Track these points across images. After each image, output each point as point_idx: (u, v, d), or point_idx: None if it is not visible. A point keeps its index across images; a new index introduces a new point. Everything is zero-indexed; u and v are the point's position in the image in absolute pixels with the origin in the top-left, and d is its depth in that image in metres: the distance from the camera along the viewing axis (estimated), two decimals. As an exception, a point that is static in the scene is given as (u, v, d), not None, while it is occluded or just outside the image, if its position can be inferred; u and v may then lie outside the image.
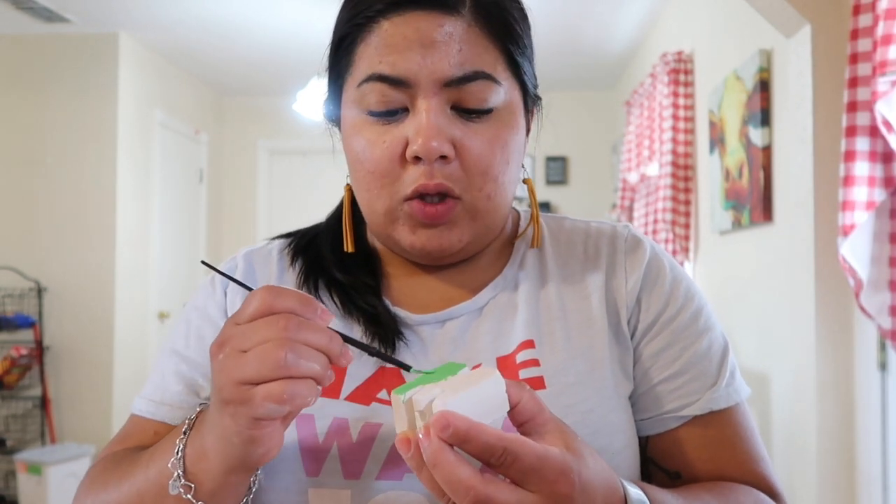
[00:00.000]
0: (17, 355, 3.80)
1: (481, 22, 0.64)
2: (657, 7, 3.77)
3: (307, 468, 0.63)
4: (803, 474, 2.00)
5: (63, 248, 4.05)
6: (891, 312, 1.63)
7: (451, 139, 0.63)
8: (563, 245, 0.75)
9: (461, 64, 0.62)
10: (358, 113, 0.66)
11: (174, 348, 0.73)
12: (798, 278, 2.02)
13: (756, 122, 2.40)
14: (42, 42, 4.10)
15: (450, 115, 0.64)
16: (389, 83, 0.63)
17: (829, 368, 1.92)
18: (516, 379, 0.65)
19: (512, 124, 0.67)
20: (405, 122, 0.64)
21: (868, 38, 1.61)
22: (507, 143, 0.66)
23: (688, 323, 0.70)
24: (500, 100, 0.65)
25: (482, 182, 0.65)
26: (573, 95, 5.37)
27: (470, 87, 0.63)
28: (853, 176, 1.63)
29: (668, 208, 3.23)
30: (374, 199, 0.66)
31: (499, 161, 0.65)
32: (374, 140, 0.65)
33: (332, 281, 0.72)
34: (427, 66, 0.62)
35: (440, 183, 0.63)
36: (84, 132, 4.08)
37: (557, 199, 5.39)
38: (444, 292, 0.72)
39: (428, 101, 0.63)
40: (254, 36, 4.19)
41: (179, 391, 0.71)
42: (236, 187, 5.61)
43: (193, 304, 0.76)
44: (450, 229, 0.66)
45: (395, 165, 0.64)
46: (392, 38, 0.63)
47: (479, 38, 0.64)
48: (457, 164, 0.64)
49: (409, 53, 0.62)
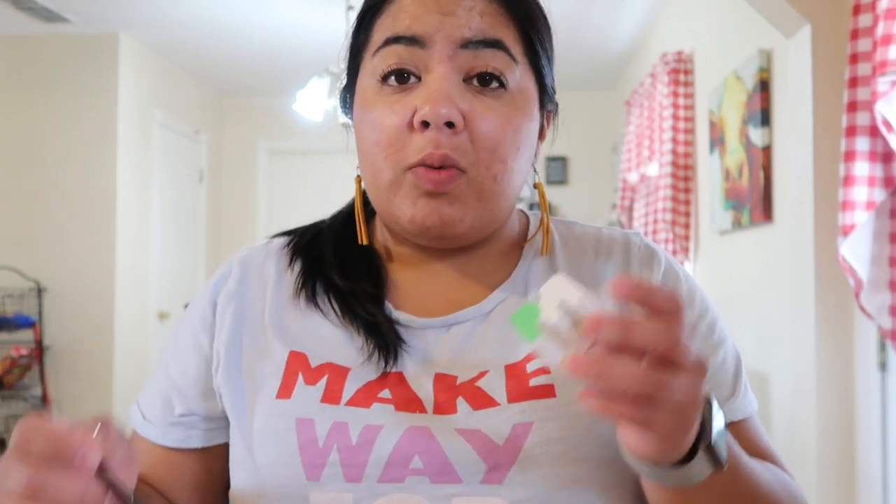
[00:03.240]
0: (17, 355, 3.80)
1: (504, 2, 0.65)
2: (657, 7, 3.77)
3: (308, 473, 0.62)
4: (803, 474, 2.00)
5: (63, 248, 4.05)
6: (891, 312, 1.63)
7: (462, 110, 0.62)
8: (574, 252, 0.73)
9: (479, 30, 0.63)
10: (371, 83, 0.66)
11: (162, 358, 0.74)
12: (798, 278, 2.02)
13: (756, 122, 2.40)
14: (42, 42, 4.10)
15: (462, 86, 0.63)
16: (405, 43, 0.63)
17: (829, 368, 1.92)
18: (526, 386, 0.64)
19: (526, 110, 0.66)
20: (416, 90, 0.63)
21: (868, 38, 1.61)
22: (520, 126, 0.65)
23: (706, 335, 0.70)
24: (516, 80, 0.65)
25: (490, 160, 0.64)
26: (573, 95, 5.37)
27: (486, 52, 0.63)
28: (853, 176, 1.63)
29: (668, 208, 3.23)
30: (378, 172, 0.65)
31: (509, 142, 0.64)
32: (384, 110, 0.64)
33: (332, 286, 0.71)
34: (444, 27, 0.62)
35: (446, 154, 0.62)
36: (84, 132, 4.08)
37: (557, 199, 5.39)
38: (450, 295, 0.70)
39: (441, 66, 0.62)
40: (254, 36, 4.19)
41: (157, 408, 0.71)
42: (236, 187, 5.61)
43: (186, 312, 0.75)
44: (451, 203, 0.64)
45: (403, 133, 0.63)
46: (411, 6, 0.64)
47: (499, 15, 0.64)
48: (465, 137, 0.63)
49: (426, 17, 0.63)
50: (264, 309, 0.71)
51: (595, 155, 5.38)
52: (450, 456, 0.61)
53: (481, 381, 0.65)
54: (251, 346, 0.69)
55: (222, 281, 0.74)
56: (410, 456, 0.61)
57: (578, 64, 4.74)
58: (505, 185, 0.65)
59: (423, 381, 0.65)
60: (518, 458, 0.61)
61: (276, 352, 0.68)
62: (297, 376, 0.66)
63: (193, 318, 0.73)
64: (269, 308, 0.71)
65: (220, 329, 0.71)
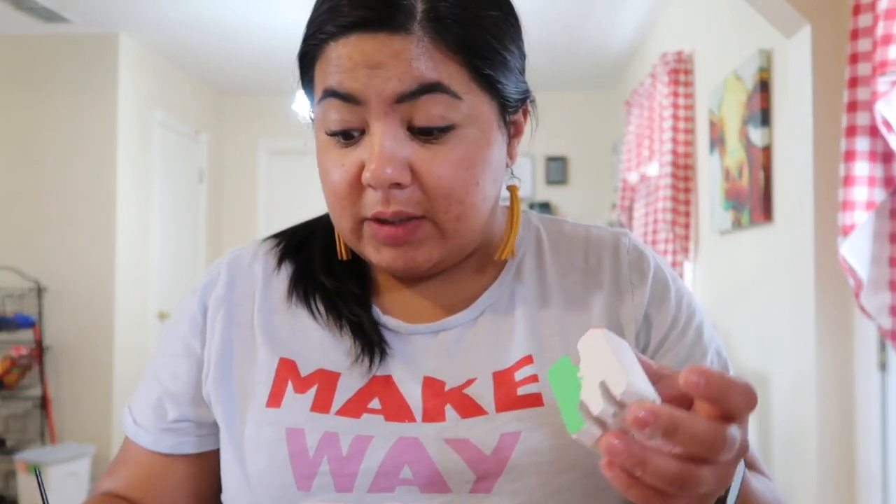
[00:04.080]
0: (17, 355, 3.80)
1: (435, 37, 0.59)
2: (657, 7, 3.78)
3: (298, 483, 0.62)
4: (803, 474, 2.00)
5: (63, 248, 4.05)
6: (891, 312, 1.63)
7: (409, 163, 0.60)
8: (563, 254, 0.73)
9: (412, 79, 0.59)
10: (321, 133, 0.64)
11: (153, 363, 0.73)
12: (798, 278, 2.02)
13: (756, 122, 2.40)
14: (42, 42, 4.10)
15: (405, 136, 0.60)
16: (342, 99, 0.60)
17: (829, 368, 1.92)
18: (514, 395, 0.64)
19: (480, 142, 0.62)
20: (362, 145, 0.62)
21: (868, 38, 1.61)
22: (474, 162, 0.62)
23: (694, 339, 0.70)
24: (462, 115, 0.61)
25: (447, 205, 0.62)
26: (573, 95, 5.37)
27: (423, 101, 0.59)
28: (853, 176, 1.63)
29: (668, 208, 3.23)
30: (338, 219, 0.65)
31: (463, 183, 0.62)
32: (335, 162, 0.63)
33: (319, 286, 0.70)
34: (374, 84, 0.59)
35: (398, 210, 0.61)
36: (84, 132, 4.08)
37: (557, 199, 5.39)
38: (437, 301, 0.70)
39: (380, 122, 0.60)
40: (254, 36, 4.19)
41: (149, 414, 0.71)
42: (236, 187, 5.61)
43: (175, 316, 0.75)
44: (416, 248, 0.63)
45: (354, 189, 0.62)
46: (339, 59, 0.60)
47: (432, 52, 0.59)
48: (416, 188, 0.61)
49: (355, 73, 0.59)
50: (253, 313, 0.71)
51: (595, 155, 5.38)
52: (439, 466, 0.61)
53: (469, 388, 0.65)
54: (241, 353, 0.69)
55: (211, 285, 0.73)
56: (400, 466, 0.62)
57: (578, 64, 4.74)
58: (470, 219, 0.64)
59: (411, 387, 0.65)
60: (506, 468, 0.61)
61: (265, 359, 0.68)
62: (287, 384, 0.66)
63: (183, 322, 0.72)
64: (258, 312, 0.71)
65: (212, 335, 0.70)
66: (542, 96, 0.73)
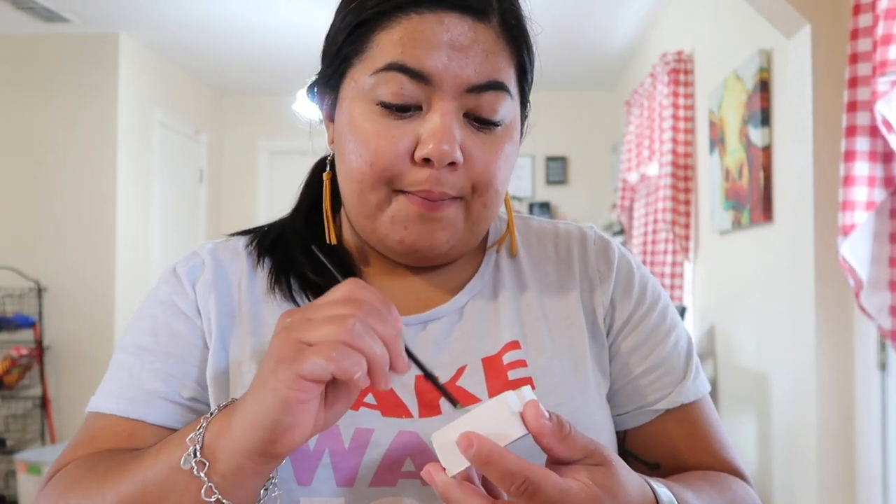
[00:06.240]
0: (17, 355, 3.80)
1: (506, 33, 0.64)
2: (657, 7, 3.78)
3: (298, 477, 0.61)
4: (803, 474, 2.00)
5: (63, 248, 4.05)
6: (891, 312, 1.63)
7: (462, 146, 0.63)
8: (535, 247, 0.76)
9: (485, 73, 0.62)
10: (366, 102, 0.63)
11: (140, 345, 0.70)
12: (798, 278, 2.02)
13: (756, 122, 2.40)
14: (42, 42, 4.10)
15: (462, 122, 0.63)
16: (410, 76, 0.61)
17: (829, 368, 1.92)
18: (505, 379, 0.65)
19: (514, 138, 0.67)
20: (417, 121, 0.62)
21: (868, 38, 1.61)
22: (510, 156, 0.67)
23: (658, 320, 0.73)
24: (509, 114, 0.65)
25: (483, 191, 0.65)
26: (573, 95, 5.37)
27: (487, 95, 0.63)
28: (853, 176, 1.63)
29: (668, 208, 3.23)
30: (366, 191, 0.64)
31: (500, 173, 0.65)
32: (380, 132, 0.62)
33: (308, 283, 0.70)
34: (452, 68, 0.61)
35: (444, 192, 0.63)
36: (84, 132, 4.08)
37: (557, 199, 5.39)
38: (422, 293, 0.71)
39: (446, 103, 0.62)
40: (254, 36, 4.19)
41: (158, 388, 0.67)
42: (236, 187, 5.61)
43: (157, 298, 0.72)
44: (443, 227, 0.65)
45: (400, 162, 0.62)
46: (422, 32, 0.61)
47: (502, 49, 0.63)
48: (462, 172, 0.63)
49: (436, 52, 0.60)
50: (240, 303, 0.70)
51: (595, 155, 5.38)
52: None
53: (461, 379, 0.66)
54: (234, 346, 0.68)
55: (197, 270, 0.72)
56: (403, 458, 0.62)
57: (579, 64, 4.74)
58: (493, 208, 0.67)
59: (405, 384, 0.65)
60: None
61: (257, 351, 0.67)
62: None
63: (175, 299, 0.70)
64: (245, 302, 0.70)
65: (207, 321, 0.69)
66: (542, 96, 0.74)
